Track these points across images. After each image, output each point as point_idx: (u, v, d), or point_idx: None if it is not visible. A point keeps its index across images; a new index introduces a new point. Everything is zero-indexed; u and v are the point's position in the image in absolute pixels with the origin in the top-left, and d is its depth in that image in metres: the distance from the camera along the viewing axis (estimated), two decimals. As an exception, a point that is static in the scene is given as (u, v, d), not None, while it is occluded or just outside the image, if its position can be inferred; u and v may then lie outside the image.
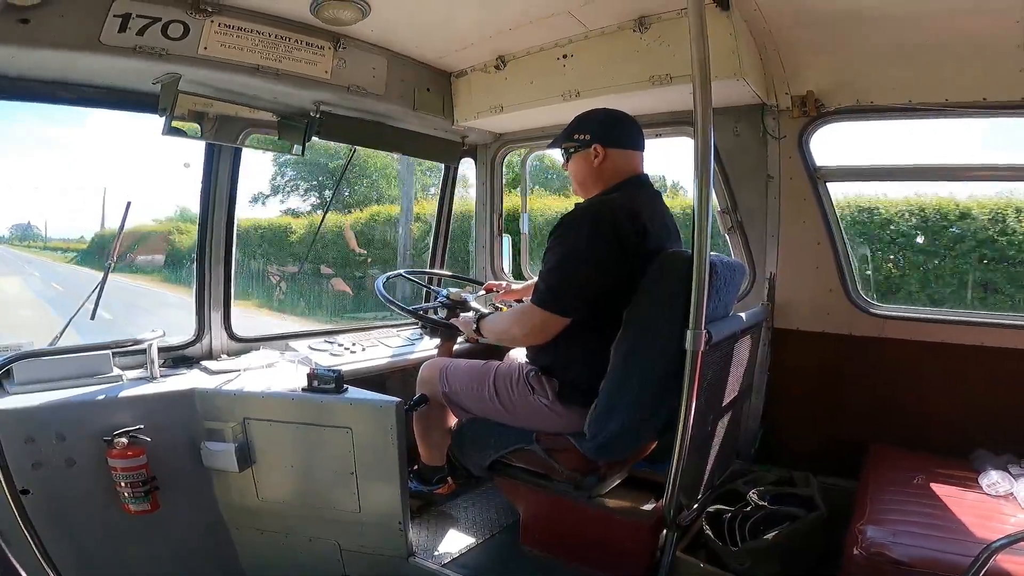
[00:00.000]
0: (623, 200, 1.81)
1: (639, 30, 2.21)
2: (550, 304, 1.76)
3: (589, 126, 1.90)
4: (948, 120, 2.22)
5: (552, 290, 1.76)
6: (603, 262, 1.72)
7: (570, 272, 1.75)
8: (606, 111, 1.95)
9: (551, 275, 1.77)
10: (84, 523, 1.84)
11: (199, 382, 2.10)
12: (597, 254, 1.72)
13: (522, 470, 1.96)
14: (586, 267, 1.73)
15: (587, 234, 1.73)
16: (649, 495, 2.01)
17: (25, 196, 10.52)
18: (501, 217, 3.32)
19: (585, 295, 1.75)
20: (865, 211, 5.63)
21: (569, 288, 1.75)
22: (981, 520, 1.74)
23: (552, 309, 1.76)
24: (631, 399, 1.72)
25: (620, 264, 1.72)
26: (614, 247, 1.72)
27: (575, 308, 1.76)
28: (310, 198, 12.08)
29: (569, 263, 1.75)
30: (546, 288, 1.77)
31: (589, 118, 1.93)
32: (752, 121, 2.47)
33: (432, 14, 2.26)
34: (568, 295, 1.75)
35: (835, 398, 2.49)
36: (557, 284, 1.76)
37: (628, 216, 1.75)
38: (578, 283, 1.75)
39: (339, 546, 2.06)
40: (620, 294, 1.71)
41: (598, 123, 1.91)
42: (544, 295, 1.77)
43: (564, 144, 1.95)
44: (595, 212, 1.78)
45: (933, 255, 5.49)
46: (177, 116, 2.11)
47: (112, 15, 1.86)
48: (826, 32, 2.15)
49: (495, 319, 2.06)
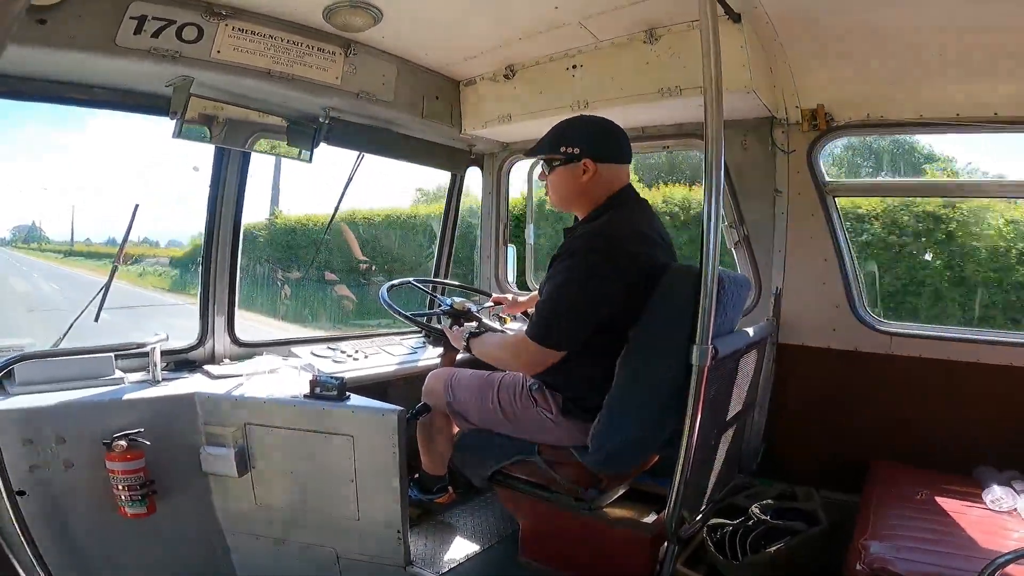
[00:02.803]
0: (626, 222, 1.74)
1: (649, 41, 2.21)
2: (543, 338, 1.70)
3: (578, 139, 1.77)
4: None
5: (546, 322, 1.71)
6: (605, 294, 1.66)
7: (567, 305, 1.69)
8: (595, 121, 1.85)
9: (546, 306, 1.72)
10: (79, 526, 1.82)
11: (201, 386, 2.09)
12: (599, 286, 1.66)
13: (523, 481, 1.94)
14: (585, 300, 1.67)
15: (591, 264, 1.66)
16: (650, 508, 1.99)
17: (62, 201, 10.47)
18: (507, 227, 3.32)
19: (582, 328, 1.70)
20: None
21: (565, 321, 1.70)
22: (985, 535, 1.72)
23: (545, 343, 1.70)
24: (635, 413, 1.70)
25: (623, 291, 1.67)
26: (618, 277, 1.66)
27: (570, 341, 1.71)
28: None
29: (567, 295, 1.69)
30: (540, 320, 1.72)
31: (576, 128, 1.81)
32: (761, 134, 2.47)
33: (443, 22, 2.27)
34: (563, 329, 1.70)
35: (839, 414, 2.47)
36: (552, 317, 1.71)
37: (634, 239, 1.71)
38: (575, 316, 1.69)
39: (336, 554, 2.04)
40: (625, 312, 1.68)
41: (588, 136, 1.79)
42: (538, 328, 1.72)
43: (548, 155, 1.81)
44: (604, 239, 1.69)
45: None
46: (188, 119, 2.12)
47: (128, 17, 1.88)
48: (837, 46, 2.15)
49: (487, 341, 1.97)
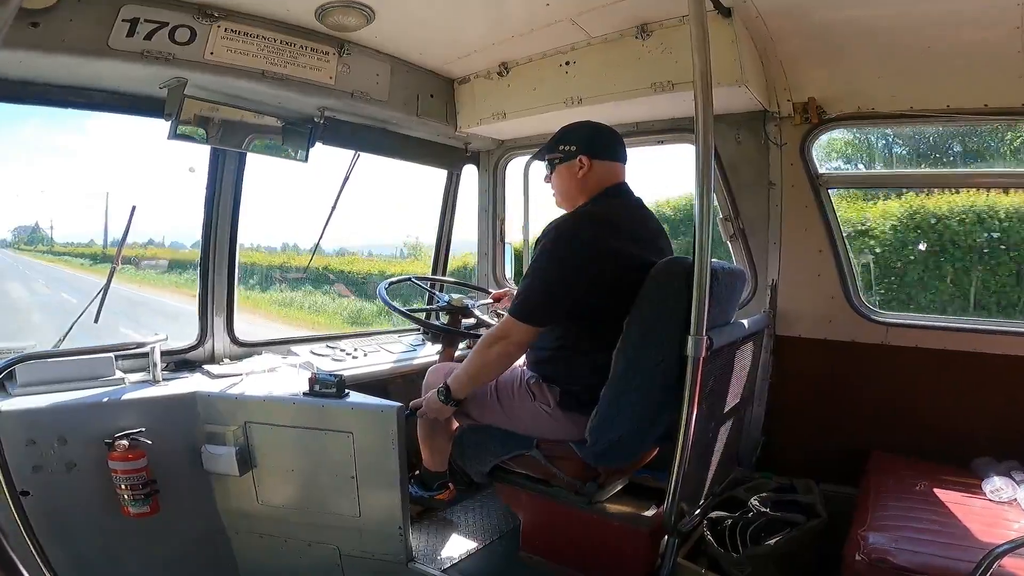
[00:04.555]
0: (600, 209, 1.83)
1: (641, 37, 2.22)
2: (521, 315, 1.76)
3: (575, 138, 1.92)
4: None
5: (525, 302, 1.77)
6: (578, 271, 1.72)
7: (541, 282, 1.75)
8: (590, 124, 1.97)
9: (524, 285, 1.80)
10: (83, 525, 1.84)
11: (201, 386, 2.10)
12: (572, 263, 1.73)
13: (523, 476, 1.95)
14: (558, 277, 1.74)
15: (563, 244, 1.75)
16: (650, 502, 2.00)
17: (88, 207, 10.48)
18: (503, 224, 3.33)
19: (556, 305, 1.75)
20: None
21: (540, 297, 1.75)
22: (984, 526, 1.73)
23: (523, 319, 1.76)
24: (632, 406, 1.71)
25: (594, 277, 1.72)
26: (590, 256, 1.72)
27: (545, 318, 1.77)
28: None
29: (542, 273, 1.76)
30: (520, 300, 1.78)
31: (574, 130, 1.95)
32: (754, 128, 2.48)
33: (436, 21, 2.28)
34: (539, 305, 1.75)
35: (837, 405, 2.48)
36: (528, 293, 1.77)
37: (605, 224, 1.77)
38: (550, 292, 1.74)
39: (339, 551, 2.05)
40: (613, 304, 1.71)
41: (583, 135, 1.92)
42: (518, 307, 1.77)
43: (549, 155, 1.96)
44: (572, 222, 1.80)
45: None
46: (183, 120, 2.13)
47: (121, 19, 1.88)
48: (828, 39, 2.16)
49: (460, 367, 1.94)
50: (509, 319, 1.80)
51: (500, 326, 1.84)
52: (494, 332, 1.84)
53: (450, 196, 3.27)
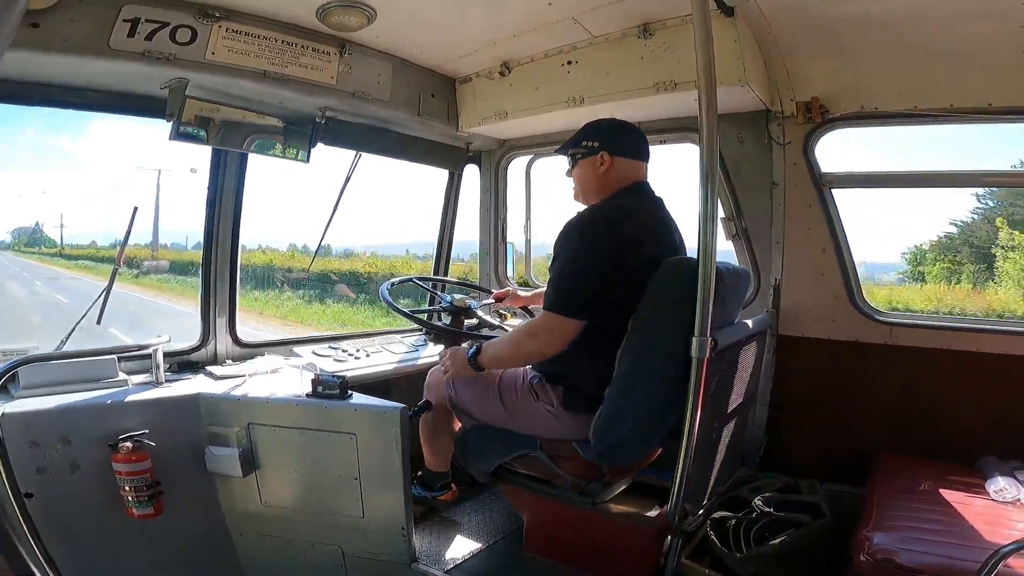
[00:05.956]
0: (619, 205, 1.84)
1: (643, 36, 2.22)
2: (561, 308, 1.74)
3: (598, 134, 1.93)
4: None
5: (561, 294, 1.76)
6: (602, 265, 1.72)
7: (574, 275, 1.75)
8: (614, 121, 1.98)
9: (559, 280, 1.78)
10: (87, 527, 1.83)
11: (204, 387, 2.10)
12: (596, 257, 1.73)
13: (526, 476, 1.95)
14: (588, 270, 1.73)
15: (587, 238, 1.75)
16: (654, 501, 2.00)
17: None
18: (505, 223, 3.33)
19: (592, 298, 1.74)
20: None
21: (578, 291, 1.75)
22: (989, 526, 1.72)
23: (564, 312, 1.74)
24: (636, 406, 1.71)
25: (617, 268, 1.72)
26: (611, 251, 1.73)
27: (586, 311, 1.75)
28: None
29: (572, 267, 1.76)
30: (555, 293, 1.77)
31: (598, 126, 1.96)
32: (757, 127, 2.48)
33: (437, 20, 2.27)
34: (577, 298, 1.74)
35: (841, 405, 2.48)
36: (565, 287, 1.76)
37: (623, 220, 1.77)
38: (583, 286, 1.74)
39: (342, 552, 2.05)
40: (624, 301, 1.71)
41: (606, 131, 1.93)
42: (554, 300, 1.76)
43: (572, 150, 1.97)
44: (592, 217, 1.81)
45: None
46: (184, 121, 2.13)
47: (121, 20, 1.88)
48: (831, 38, 2.16)
49: (497, 343, 1.96)
50: (548, 314, 1.77)
51: (541, 320, 1.80)
52: (536, 324, 1.84)
53: (452, 196, 3.27)
